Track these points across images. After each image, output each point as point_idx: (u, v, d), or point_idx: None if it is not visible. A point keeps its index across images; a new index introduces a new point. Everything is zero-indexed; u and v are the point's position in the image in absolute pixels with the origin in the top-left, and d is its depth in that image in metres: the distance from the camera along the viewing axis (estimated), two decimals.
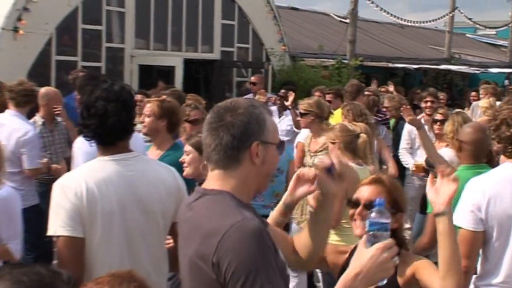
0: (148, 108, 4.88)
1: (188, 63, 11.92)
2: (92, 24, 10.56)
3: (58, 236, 2.72)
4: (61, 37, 10.09)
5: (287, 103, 7.94)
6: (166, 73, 11.64)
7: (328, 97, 8.41)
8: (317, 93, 8.58)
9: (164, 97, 5.32)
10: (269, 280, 2.00)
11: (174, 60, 11.77)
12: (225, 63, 12.86)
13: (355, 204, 2.82)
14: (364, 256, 2.11)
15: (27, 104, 6.06)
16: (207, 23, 12.63)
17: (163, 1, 11.69)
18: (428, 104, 7.52)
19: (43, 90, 6.73)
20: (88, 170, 2.86)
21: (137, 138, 4.47)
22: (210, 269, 2.03)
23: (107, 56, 10.81)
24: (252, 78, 10.17)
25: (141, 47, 11.50)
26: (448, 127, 5.12)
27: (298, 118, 6.58)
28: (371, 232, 2.21)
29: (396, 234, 2.75)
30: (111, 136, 2.84)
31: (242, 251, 2.00)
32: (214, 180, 2.20)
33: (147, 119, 4.87)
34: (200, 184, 2.62)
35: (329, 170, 2.43)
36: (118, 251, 2.80)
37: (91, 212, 2.71)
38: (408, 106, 6.48)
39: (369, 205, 2.74)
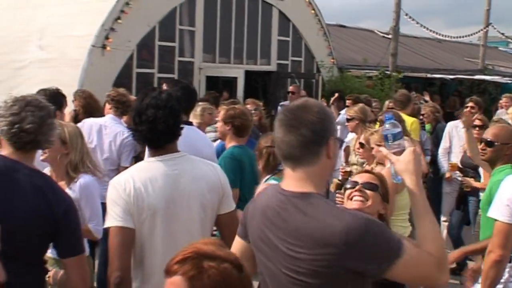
0: (219, 115, 5.12)
1: (248, 74, 12.10)
2: (167, 41, 10.71)
3: (111, 227, 2.74)
4: (141, 53, 10.27)
5: None
6: (230, 83, 11.90)
7: (348, 102, 8.58)
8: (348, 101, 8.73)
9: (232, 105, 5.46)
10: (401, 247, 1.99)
11: (237, 71, 11.95)
12: (280, 74, 12.91)
13: (354, 185, 2.92)
14: (407, 160, 2.16)
15: (123, 110, 6.17)
16: (265, 39, 12.71)
17: (227, 20, 11.79)
18: (468, 109, 7.37)
19: (132, 98, 6.91)
20: (135, 170, 2.88)
21: (204, 139, 4.66)
22: (341, 267, 1.97)
23: (179, 68, 10.96)
24: (290, 88, 10.23)
25: (208, 60, 11.60)
26: None
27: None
28: (395, 142, 2.28)
29: (384, 219, 2.93)
30: (160, 140, 2.86)
31: (369, 241, 1.96)
32: (295, 180, 2.12)
33: (218, 124, 5.09)
34: None
35: None
36: (162, 241, 2.78)
37: (138, 207, 2.73)
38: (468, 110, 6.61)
39: (366, 185, 2.93)
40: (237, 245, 2.37)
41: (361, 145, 5.29)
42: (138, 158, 5.30)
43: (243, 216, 2.35)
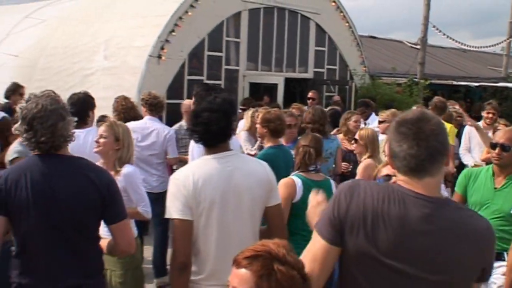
0: (258, 118, 5.22)
1: (287, 81, 12.11)
2: (215, 51, 10.83)
3: (173, 219, 2.78)
4: (191, 62, 10.41)
5: None
6: (270, 89, 11.95)
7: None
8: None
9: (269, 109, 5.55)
10: None
11: (277, 78, 11.98)
12: (317, 81, 12.92)
13: (388, 178, 2.90)
14: None
15: (158, 110, 6.28)
16: (303, 49, 12.74)
17: (269, 32, 11.89)
18: (490, 115, 7.35)
19: (186, 101, 7.05)
20: (194, 166, 2.91)
21: (235, 141, 4.74)
22: (478, 267, 2.00)
23: (225, 76, 11.07)
24: (310, 94, 10.14)
25: (251, 68, 11.69)
26: None
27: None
28: None
29: None
30: (214, 139, 2.87)
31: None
32: (427, 188, 1.96)
33: (257, 126, 5.18)
34: None
35: None
36: (217, 231, 2.80)
37: (196, 200, 2.75)
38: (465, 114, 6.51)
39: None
40: (318, 247, 2.05)
41: (355, 140, 5.38)
42: None
43: (333, 221, 2.03)
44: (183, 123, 6.77)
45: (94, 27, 11.15)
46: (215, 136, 2.87)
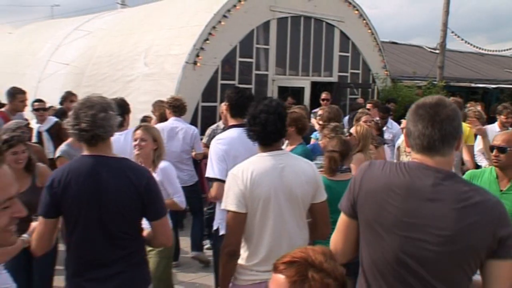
0: None
1: (314, 84, 12.09)
2: (246, 57, 10.84)
3: (228, 210, 2.82)
4: (224, 67, 10.42)
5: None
6: (298, 92, 11.93)
7: (368, 106, 8.42)
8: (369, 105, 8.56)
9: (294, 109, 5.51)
10: None
11: (304, 82, 11.98)
12: (341, 84, 12.81)
13: None
14: None
15: (181, 112, 6.40)
16: (328, 54, 12.64)
17: (296, 39, 11.82)
18: (509, 119, 7.19)
19: (223, 104, 7.11)
20: (251, 163, 2.90)
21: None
22: (488, 238, 1.88)
23: (255, 80, 11.07)
24: (323, 95, 9.98)
25: (280, 73, 11.64)
26: None
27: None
28: None
29: None
30: (269, 139, 2.92)
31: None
32: (439, 165, 1.99)
33: None
34: None
35: None
36: (271, 224, 2.82)
37: (252, 195, 2.78)
38: (474, 119, 6.34)
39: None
40: (340, 220, 2.24)
41: (350, 134, 5.32)
42: None
43: (349, 196, 2.17)
44: (220, 123, 6.83)
45: (135, 38, 11.29)
46: (270, 136, 2.90)
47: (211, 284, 4.78)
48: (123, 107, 5.21)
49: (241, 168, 2.86)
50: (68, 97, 7.98)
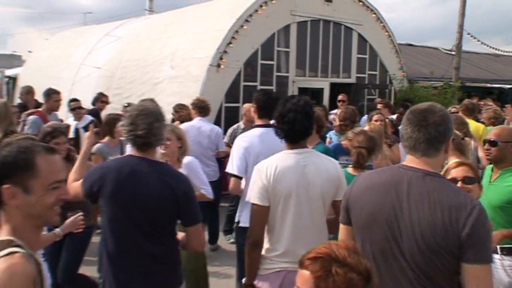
0: None
1: (332, 85, 11.99)
2: (267, 60, 10.81)
3: (252, 203, 2.82)
4: (246, 70, 10.41)
5: None
6: (317, 93, 11.84)
7: (379, 106, 8.29)
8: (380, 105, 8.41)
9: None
10: (490, 247, 1.97)
11: (323, 83, 11.90)
12: (359, 85, 12.69)
13: (453, 181, 2.66)
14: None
15: (205, 112, 6.46)
16: (347, 56, 12.52)
17: (315, 42, 11.73)
18: None
19: (245, 105, 7.12)
20: (276, 159, 2.88)
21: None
22: (454, 234, 1.88)
23: (276, 82, 11.02)
24: (340, 97, 9.84)
25: (300, 75, 11.57)
26: None
27: None
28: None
29: None
30: (297, 137, 2.89)
31: (485, 225, 1.91)
32: (422, 164, 2.05)
33: None
34: None
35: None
36: (292, 217, 2.81)
37: (274, 190, 2.77)
38: None
39: (464, 180, 2.73)
40: (340, 230, 2.31)
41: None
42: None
43: (344, 205, 2.27)
44: (240, 123, 6.86)
45: (161, 42, 11.35)
46: (297, 134, 2.88)
47: (235, 275, 4.79)
48: None
49: (266, 163, 2.86)
50: (99, 97, 8.10)
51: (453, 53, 16.39)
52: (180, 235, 2.92)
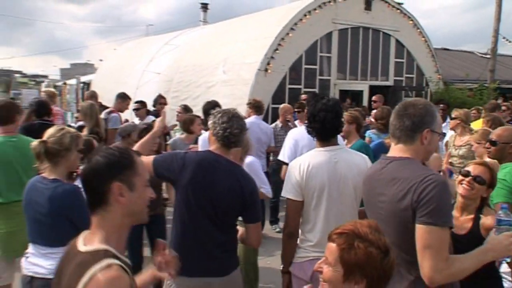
0: (345, 117, 4.98)
1: (371, 88, 11.62)
2: (310, 64, 10.64)
3: (287, 198, 2.78)
4: (291, 74, 10.28)
5: None
6: (357, 95, 11.57)
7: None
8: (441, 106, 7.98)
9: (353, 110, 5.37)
10: (444, 215, 1.89)
11: (362, 86, 11.59)
12: (396, 87, 12.30)
13: (466, 174, 2.63)
14: (495, 240, 1.95)
15: (261, 111, 6.45)
16: (385, 61, 12.18)
17: (355, 47, 11.47)
18: None
19: (282, 105, 7.07)
20: (308, 156, 2.83)
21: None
22: (407, 205, 1.92)
23: (319, 84, 10.85)
24: (373, 97, 9.34)
25: (341, 78, 11.35)
26: None
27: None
28: (498, 226, 2.05)
29: (485, 201, 2.66)
30: (327, 135, 2.82)
31: (436, 193, 1.87)
32: (397, 151, 2.11)
33: (344, 125, 4.96)
34: None
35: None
36: (325, 210, 2.74)
37: (307, 185, 2.72)
38: None
39: (475, 178, 2.61)
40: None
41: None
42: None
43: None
44: (278, 122, 6.83)
45: (215, 49, 11.38)
46: (328, 132, 2.81)
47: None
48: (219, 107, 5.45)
49: (299, 161, 2.81)
50: (159, 99, 8.19)
51: (488, 56, 15.61)
52: (240, 230, 2.87)
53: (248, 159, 3.86)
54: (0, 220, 3.65)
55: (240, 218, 2.84)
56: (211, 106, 5.28)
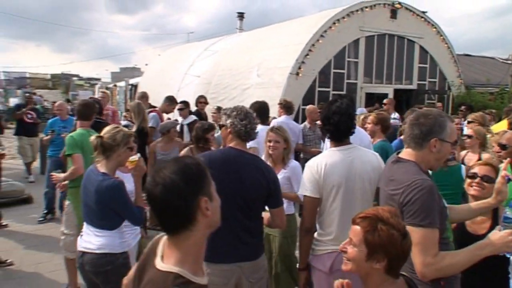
0: (370, 118, 4.83)
1: (396, 91, 11.37)
2: (339, 69, 10.46)
3: (305, 195, 2.74)
4: (320, 77, 10.14)
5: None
6: (382, 98, 11.22)
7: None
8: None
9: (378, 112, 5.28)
10: (428, 216, 1.88)
11: (387, 89, 11.32)
12: (420, 91, 11.92)
13: (473, 176, 2.62)
14: (497, 235, 1.87)
15: (291, 111, 6.35)
16: (409, 66, 11.82)
17: (381, 54, 11.20)
18: None
19: (308, 107, 6.95)
20: (324, 156, 2.78)
21: (365, 136, 4.44)
22: (396, 204, 1.97)
23: (347, 88, 10.65)
24: (385, 101, 9.07)
25: (367, 82, 11.10)
26: None
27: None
28: (504, 223, 1.97)
29: None
30: (341, 136, 2.77)
31: (420, 196, 1.90)
32: (407, 154, 2.14)
33: (369, 125, 4.82)
34: None
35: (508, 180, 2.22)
36: (341, 206, 2.69)
37: (325, 183, 2.67)
38: None
39: (483, 178, 2.58)
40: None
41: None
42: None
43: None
44: (306, 123, 6.71)
45: (250, 55, 11.32)
46: (342, 134, 2.77)
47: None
48: (266, 109, 5.53)
49: (316, 161, 2.76)
50: (198, 99, 8.21)
51: (509, 62, 14.95)
52: (266, 215, 2.85)
53: (293, 163, 3.74)
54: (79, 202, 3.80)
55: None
56: (259, 106, 5.33)
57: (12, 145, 11.66)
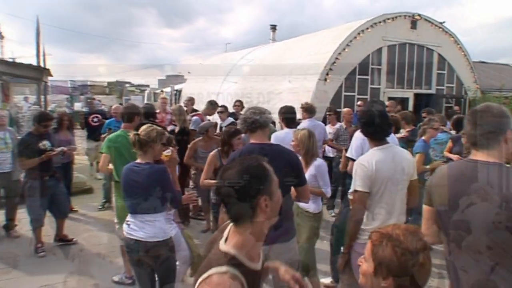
0: None
1: (416, 95, 10.96)
2: (363, 75, 10.16)
3: (356, 190, 2.66)
4: (346, 82, 9.87)
5: None
6: (403, 102, 10.86)
7: (423, 115, 7.10)
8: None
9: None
10: None
11: (408, 94, 10.93)
12: (438, 96, 11.42)
13: None
14: None
15: (313, 114, 6.04)
16: (428, 72, 11.32)
17: (402, 61, 10.78)
18: None
19: (345, 110, 6.73)
20: (371, 155, 2.72)
21: (392, 136, 4.19)
22: None
23: (370, 92, 10.32)
24: (387, 103, 8.69)
25: (389, 87, 10.73)
26: None
27: None
28: None
29: None
30: (380, 136, 2.74)
31: None
32: (483, 156, 1.82)
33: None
34: None
35: None
36: (386, 199, 2.65)
37: (375, 178, 2.63)
38: None
39: None
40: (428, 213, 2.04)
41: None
42: None
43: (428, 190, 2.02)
44: (342, 124, 6.46)
45: (282, 62, 11.14)
46: (380, 134, 2.75)
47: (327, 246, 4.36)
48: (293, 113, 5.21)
49: (366, 159, 2.72)
50: (235, 103, 8.15)
51: None
52: (292, 192, 2.84)
53: (318, 161, 3.57)
54: (118, 196, 3.76)
55: None
56: (285, 110, 5.11)
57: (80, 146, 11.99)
